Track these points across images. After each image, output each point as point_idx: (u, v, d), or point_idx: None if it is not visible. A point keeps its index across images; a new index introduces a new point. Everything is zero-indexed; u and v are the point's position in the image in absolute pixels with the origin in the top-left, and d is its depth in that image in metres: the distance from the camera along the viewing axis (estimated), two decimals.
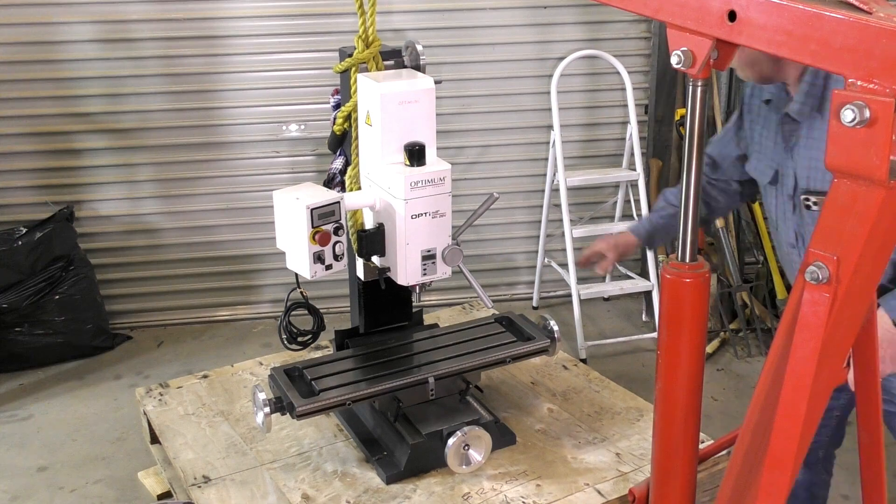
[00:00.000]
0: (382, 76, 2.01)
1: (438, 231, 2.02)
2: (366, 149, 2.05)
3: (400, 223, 1.96)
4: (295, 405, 1.93)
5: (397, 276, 2.03)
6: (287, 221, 1.98)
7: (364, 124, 2.02)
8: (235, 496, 1.95)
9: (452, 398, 2.14)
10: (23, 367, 3.87)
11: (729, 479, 1.40)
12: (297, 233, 1.94)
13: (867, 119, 1.04)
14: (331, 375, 2.08)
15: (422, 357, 2.18)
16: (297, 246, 1.96)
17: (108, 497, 2.97)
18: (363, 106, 2.01)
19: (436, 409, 2.10)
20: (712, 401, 3.56)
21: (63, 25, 3.90)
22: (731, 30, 1.20)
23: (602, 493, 1.96)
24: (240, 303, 4.46)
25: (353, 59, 2.05)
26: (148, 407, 2.33)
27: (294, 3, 4.02)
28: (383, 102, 1.93)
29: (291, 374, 2.09)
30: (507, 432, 2.15)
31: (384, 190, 1.98)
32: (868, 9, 1.08)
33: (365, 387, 2.03)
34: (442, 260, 2.04)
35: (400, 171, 1.94)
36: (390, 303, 2.28)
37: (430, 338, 2.29)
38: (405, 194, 1.93)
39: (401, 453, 2.03)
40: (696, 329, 1.42)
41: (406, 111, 1.96)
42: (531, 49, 4.24)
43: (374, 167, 2.01)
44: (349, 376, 2.08)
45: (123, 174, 4.18)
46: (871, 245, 1.12)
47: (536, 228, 4.46)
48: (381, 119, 1.94)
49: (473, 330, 2.33)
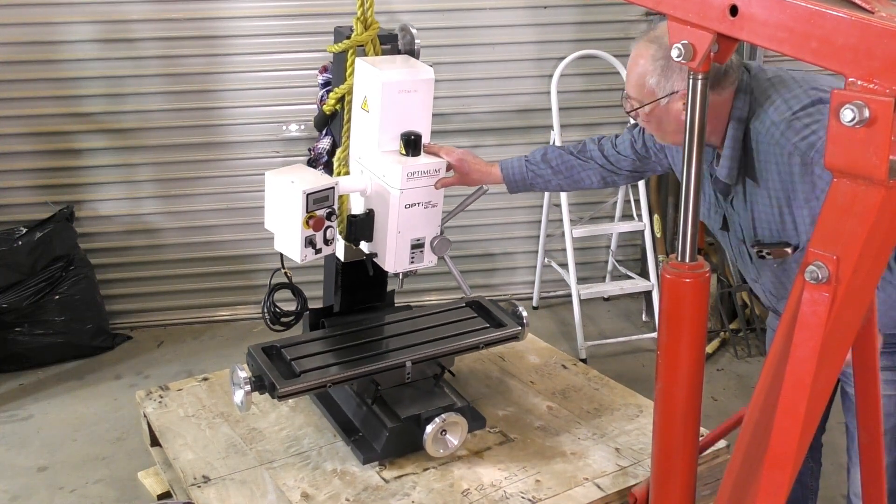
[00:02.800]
0: (381, 62, 2.00)
1: (429, 221, 2.04)
2: (360, 133, 2.04)
3: (393, 212, 1.96)
4: (277, 386, 1.93)
5: (385, 262, 2.04)
6: (279, 204, 1.95)
7: (359, 109, 2.01)
8: (235, 495, 1.95)
9: (426, 382, 2.17)
10: (23, 367, 3.87)
11: (729, 478, 1.40)
12: (291, 217, 1.92)
13: (867, 119, 1.04)
14: (310, 356, 2.08)
15: (398, 340, 2.20)
16: (289, 229, 1.94)
17: (108, 497, 2.97)
18: (360, 90, 2.00)
19: (411, 393, 2.12)
20: (712, 401, 3.56)
21: (63, 25, 3.90)
22: (732, 24, 1.20)
23: (601, 487, 1.96)
24: (240, 303, 4.46)
25: (351, 40, 2.03)
26: (148, 409, 2.33)
27: (294, 3, 4.01)
28: (384, 91, 1.92)
29: (269, 352, 2.08)
30: (479, 417, 2.19)
31: (377, 177, 1.98)
32: (870, 8, 1.08)
33: (345, 369, 2.04)
34: (430, 249, 2.06)
35: (397, 161, 1.94)
36: (367, 284, 2.30)
37: (405, 321, 2.32)
38: (401, 184, 1.94)
39: (378, 436, 2.04)
40: (696, 329, 1.42)
41: (405, 100, 1.97)
42: (531, 49, 4.24)
43: (368, 153, 2.00)
44: (328, 357, 2.09)
45: (123, 174, 4.17)
46: (871, 245, 1.12)
47: (536, 228, 4.46)
48: (380, 107, 1.94)
49: (446, 314, 2.35)
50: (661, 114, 1.80)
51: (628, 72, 1.82)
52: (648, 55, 1.77)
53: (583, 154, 2.25)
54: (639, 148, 2.17)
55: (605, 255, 4.61)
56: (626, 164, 2.21)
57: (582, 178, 2.26)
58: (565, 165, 2.25)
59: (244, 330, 4.32)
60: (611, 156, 2.22)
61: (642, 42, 1.80)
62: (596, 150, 2.24)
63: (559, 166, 2.25)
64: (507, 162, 2.32)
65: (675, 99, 1.76)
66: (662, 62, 1.74)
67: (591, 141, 2.26)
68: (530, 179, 2.29)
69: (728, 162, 1.81)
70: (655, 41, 1.78)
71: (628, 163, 2.21)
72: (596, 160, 2.23)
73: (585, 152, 2.25)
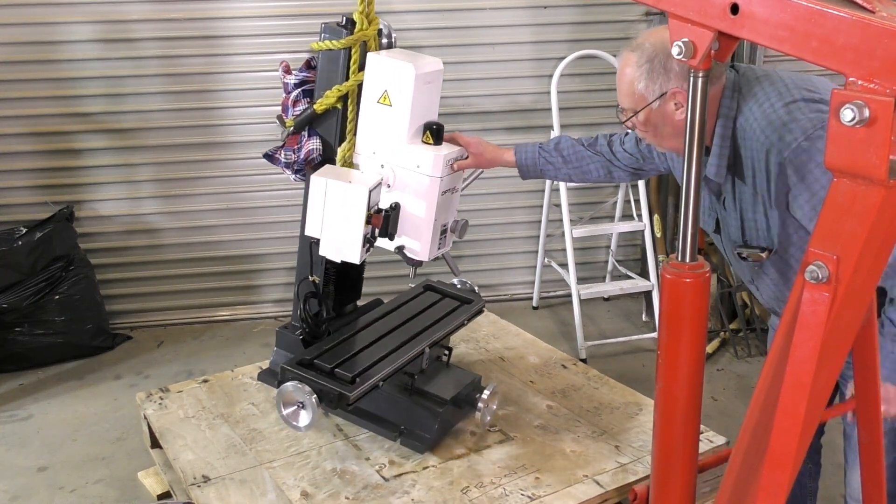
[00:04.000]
0: (396, 55, 2.01)
1: (453, 206, 2.12)
2: (375, 128, 2.02)
3: (431, 200, 1.99)
4: (348, 394, 1.91)
5: (419, 252, 2.05)
6: (334, 206, 1.94)
7: (375, 103, 1.99)
8: (235, 495, 1.95)
9: (438, 364, 2.26)
10: (23, 367, 3.86)
11: (729, 478, 1.40)
12: (352, 217, 1.92)
13: (867, 118, 1.04)
14: (346, 361, 2.07)
15: (404, 331, 2.25)
16: (348, 230, 1.93)
17: (108, 497, 2.97)
18: (377, 85, 1.99)
19: (434, 377, 2.18)
20: (712, 401, 3.56)
21: (63, 25, 3.90)
22: (733, 23, 1.20)
23: (601, 483, 1.96)
24: (240, 303, 4.46)
25: (355, 35, 2.02)
26: (148, 411, 2.33)
27: (294, 3, 4.01)
28: (416, 83, 1.94)
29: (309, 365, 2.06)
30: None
31: (407, 168, 1.99)
32: (871, 8, 1.08)
33: (385, 365, 2.06)
34: (451, 232, 2.11)
35: (431, 150, 1.98)
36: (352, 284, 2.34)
37: (394, 312, 2.37)
38: (441, 172, 1.97)
39: (428, 423, 2.08)
40: (696, 329, 1.42)
41: (427, 91, 2.00)
42: (531, 49, 4.24)
43: (391, 146, 2.00)
44: (363, 359, 2.10)
45: (123, 174, 4.17)
46: (871, 244, 1.12)
47: (536, 228, 4.46)
48: (410, 99, 1.95)
49: (421, 300, 2.44)
50: (655, 119, 1.81)
51: (618, 84, 1.85)
52: (633, 63, 1.79)
53: (593, 147, 2.30)
54: (643, 147, 2.20)
55: (605, 255, 4.61)
56: (630, 161, 2.25)
57: (590, 169, 2.31)
58: (576, 156, 2.30)
59: (244, 330, 4.33)
60: (617, 151, 2.26)
61: (625, 52, 1.83)
62: (605, 144, 2.29)
63: (570, 156, 2.31)
64: (521, 147, 2.35)
65: (666, 100, 1.77)
66: (647, 66, 1.77)
67: (603, 136, 2.33)
68: (541, 166, 2.33)
69: (717, 160, 1.81)
70: (637, 49, 1.80)
71: (632, 160, 2.24)
72: (604, 154, 2.28)
73: (595, 146, 2.30)
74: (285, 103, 2.19)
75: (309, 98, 2.15)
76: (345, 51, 2.04)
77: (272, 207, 4.27)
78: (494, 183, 4.31)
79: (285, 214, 4.24)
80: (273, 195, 4.25)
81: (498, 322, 2.90)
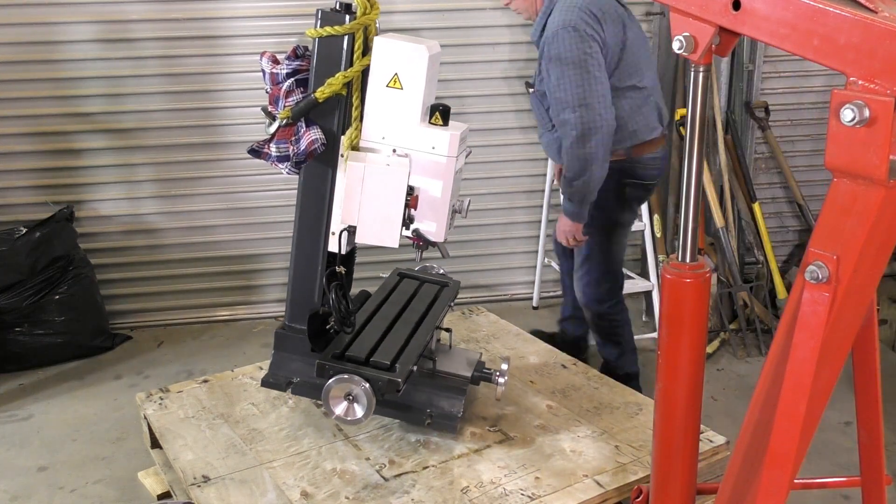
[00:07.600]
0: (403, 38, 2.02)
1: (460, 186, 2.13)
2: (384, 112, 2.00)
3: (446, 180, 2.00)
4: (397, 380, 1.95)
5: (435, 234, 2.06)
6: (374, 191, 1.95)
7: (384, 88, 1.98)
8: (235, 494, 1.95)
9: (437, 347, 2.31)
10: (23, 367, 3.86)
11: (729, 478, 1.40)
12: (393, 199, 1.93)
13: (867, 118, 1.04)
14: (375, 350, 2.09)
15: (407, 317, 2.30)
16: (388, 213, 1.95)
17: (108, 497, 2.97)
18: (386, 69, 1.98)
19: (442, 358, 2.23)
20: (712, 401, 3.56)
21: (63, 25, 3.90)
22: (734, 19, 1.20)
23: (601, 483, 1.96)
24: (240, 303, 4.46)
25: (359, 20, 2.00)
26: (148, 411, 2.33)
27: (294, 3, 4.01)
28: (430, 64, 1.95)
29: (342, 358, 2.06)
30: None
31: (419, 151, 1.99)
32: (874, 7, 1.08)
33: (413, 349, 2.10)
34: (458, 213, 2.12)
35: (445, 130, 1.98)
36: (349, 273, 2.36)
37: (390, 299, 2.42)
38: (455, 151, 1.99)
39: (454, 403, 2.13)
40: (696, 329, 1.42)
41: (434, 73, 2.03)
42: (531, 49, 4.23)
43: (402, 130, 2.00)
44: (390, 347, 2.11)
45: (123, 174, 4.17)
46: (871, 244, 1.12)
47: (536, 228, 4.46)
48: (424, 81, 1.96)
49: (403, 288, 2.49)
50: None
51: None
52: None
53: None
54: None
55: None
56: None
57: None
58: None
59: (244, 330, 4.32)
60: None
61: None
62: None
63: None
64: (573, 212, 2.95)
65: None
66: None
67: None
68: None
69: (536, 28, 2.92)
70: None
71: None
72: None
73: None
74: (275, 94, 2.14)
75: (303, 88, 2.08)
76: (347, 36, 2.00)
77: (272, 207, 4.27)
78: (495, 183, 4.31)
79: (285, 214, 4.23)
80: (273, 195, 4.25)
81: (498, 322, 2.90)
